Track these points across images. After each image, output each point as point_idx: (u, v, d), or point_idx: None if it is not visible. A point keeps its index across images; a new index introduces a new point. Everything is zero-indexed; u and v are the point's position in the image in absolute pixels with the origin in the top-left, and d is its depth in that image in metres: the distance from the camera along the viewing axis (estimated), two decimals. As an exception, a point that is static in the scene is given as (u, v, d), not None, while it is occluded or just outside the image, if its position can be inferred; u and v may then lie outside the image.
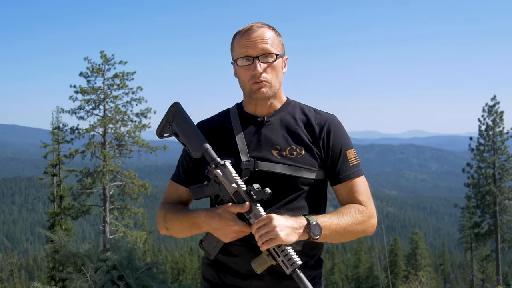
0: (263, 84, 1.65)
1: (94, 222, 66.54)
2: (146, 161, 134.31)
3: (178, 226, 1.70)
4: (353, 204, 1.67)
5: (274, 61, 1.65)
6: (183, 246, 47.83)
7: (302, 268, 1.67)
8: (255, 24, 1.66)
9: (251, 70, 1.63)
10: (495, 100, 26.12)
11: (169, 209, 1.74)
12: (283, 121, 1.73)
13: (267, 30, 1.67)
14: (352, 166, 1.71)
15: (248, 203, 1.52)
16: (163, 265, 4.88)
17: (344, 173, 1.70)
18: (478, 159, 26.05)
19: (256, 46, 1.63)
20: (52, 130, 19.73)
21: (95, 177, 19.99)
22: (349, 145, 1.73)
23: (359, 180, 1.71)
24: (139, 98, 21.07)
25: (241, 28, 1.68)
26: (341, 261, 42.00)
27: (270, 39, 1.65)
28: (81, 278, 3.72)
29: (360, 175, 1.72)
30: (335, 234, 1.59)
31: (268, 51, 1.64)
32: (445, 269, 35.90)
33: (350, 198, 1.69)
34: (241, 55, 1.64)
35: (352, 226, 1.62)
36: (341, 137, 1.73)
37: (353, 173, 1.70)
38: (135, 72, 21.20)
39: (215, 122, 1.79)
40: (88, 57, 20.88)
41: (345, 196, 1.70)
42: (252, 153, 1.67)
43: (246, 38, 1.64)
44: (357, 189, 1.70)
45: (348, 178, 1.70)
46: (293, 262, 1.48)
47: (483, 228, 26.55)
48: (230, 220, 1.53)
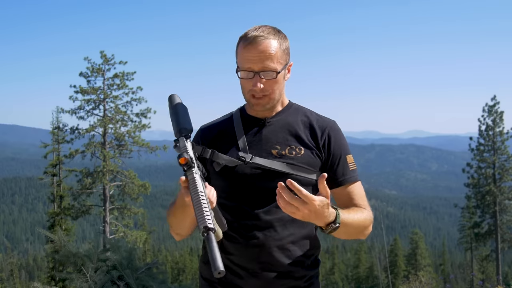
0: (262, 99, 1.67)
1: (94, 222, 66.62)
2: (146, 161, 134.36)
3: (175, 218, 1.68)
4: (361, 208, 1.71)
5: (274, 78, 1.64)
6: (183, 246, 47.86)
7: (300, 267, 1.69)
8: (260, 34, 1.62)
9: (251, 84, 1.64)
10: (495, 100, 26.14)
11: (170, 206, 1.74)
12: (284, 122, 1.75)
13: (272, 41, 1.63)
14: (352, 171, 1.74)
15: (182, 177, 1.48)
16: (163, 265, 4.88)
17: (344, 177, 1.72)
18: (478, 159, 26.06)
19: (258, 61, 1.61)
20: (52, 130, 19.75)
21: (95, 177, 20.00)
22: (348, 151, 1.77)
23: (358, 185, 1.76)
24: (139, 98, 21.09)
25: (247, 34, 1.65)
26: (341, 261, 42.02)
27: (274, 53, 1.62)
28: (81, 278, 3.73)
29: (358, 180, 1.77)
30: (345, 232, 1.61)
31: (270, 68, 1.62)
32: (445, 269, 35.91)
33: (350, 201, 1.72)
34: (243, 68, 1.64)
35: (361, 227, 1.66)
36: (341, 142, 1.76)
37: (352, 177, 1.74)
38: (135, 72, 21.22)
39: (219, 126, 1.81)
40: (88, 57, 20.92)
41: (345, 199, 1.73)
42: (252, 152, 1.69)
43: (249, 51, 1.61)
44: (357, 193, 1.74)
45: (348, 182, 1.72)
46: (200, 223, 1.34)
47: (483, 228, 26.56)
48: (183, 192, 1.50)
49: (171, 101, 1.74)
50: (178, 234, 1.75)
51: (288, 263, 1.67)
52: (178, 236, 1.76)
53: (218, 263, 1.24)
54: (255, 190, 1.65)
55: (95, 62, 20.85)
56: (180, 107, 1.70)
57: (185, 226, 1.68)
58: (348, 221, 1.58)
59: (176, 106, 1.70)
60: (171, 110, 1.72)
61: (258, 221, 1.65)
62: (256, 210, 1.65)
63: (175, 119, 1.67)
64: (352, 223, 1.60)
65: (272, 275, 1.65)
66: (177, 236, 1.77)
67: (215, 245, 1.29)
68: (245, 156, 1.66)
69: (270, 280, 1.65)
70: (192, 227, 1.71)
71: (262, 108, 1.69)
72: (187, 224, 1.67)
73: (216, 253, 1.26)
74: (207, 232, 1.30)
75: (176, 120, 1.66)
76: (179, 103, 1.72)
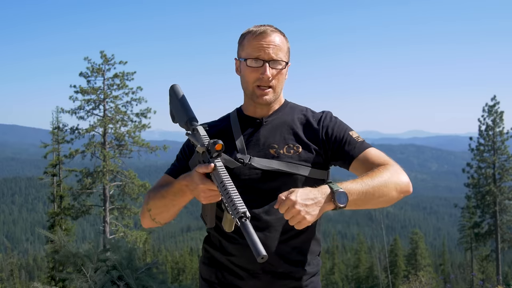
0: (268, 91, 1.68)
1: (94, 222, 66.58)
2: (146, 161, 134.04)
3: (161, 202, 1.66)
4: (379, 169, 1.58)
5: (282, 68, 1.68)
6: (183, 246, 47.87)
7: (300, 268, 1.68)
8: (268, 27, 1.68)
9: (260, 73, 1.65)
10: (495, 100, 26.14)
11: (152, 190, 1.73)
12: (281, 121, 1.76)
13: (280, 36, 1.69)
14: (360, 142, 1.69)
15: (212, 164, 1.46)
16: (163, 265, 4.88)
17: (353, 150, 1.67)
18: (478, 159, 26.05)
19: (268, 50, 1.64)
20: (52, 130, 19.75)
21: (95, 177, 19.99)
22: (349, 128, 1.74)
23: (372, 150, 1.67)
24: (139, 98, 21.09)
25: (254, 29, 1.69)
26: (341, 261, 41.98)
27: (282, 46, 1.68)
28: (81, 278, 3.73)
29: (371, 146, 1.69)
30: (364, 197, 1.49)
31: (279, 58, 1.66)
32: (445, 269, 35.91)
33: (370, 167, 1.61)
34: (251, 56, 1.66)
35: (381, 183, 1.51)
36: (340, 124, 1.74)
37: (363, 146, 1.67)
38: (135, 72, 21.21)
39: (216, 126, 1.81)
40: (88, 57, 20.91)
41: (364, 168, 1.63)
42: (250, 152, 1.69)
43: (259, 40, 1.65)
44: (374, 156, 1.64)
45: (360, 151, 1.66)
46: (237, 211, 1.34)
47: (483, 228, 26.56)
48: (197, 179, 1.49)
49: (176, 91, 1.74)
50: (154, 220, 1.71)
51: (289, 264, 1.66)
52: (152, 222, 1.72)
53: (259, 248, 1.25)
54: (254, 190, 1.65)
55: (95, 62, 20.85)
56: (185, 98, 1.71)
57: (169, 214, 1.68)
58: (356, 187, 1.47)
59: (183, 97, 1.71)
60: (176, 100, 1.71)
61: (258, 221, 1.64)
62: (255, 211, 1.65)
63: (183, 108, 1.68)
64: (362, 187, 1.48)
65: (273, 275, 1.64)
66: (150, 222, 1.72)
67: (253, 231, 1.29)
68: (243, 157, 1.66)
69: (270, 281, 1.64)
70: (173, 217, 1.70)
71: (264, 102, 1.69)
72: (171, 213, 1.68)
73: (255, 238, 1.27)
74: (244, 219, 1.31)
75: (185, 109, 1.67)
76: (183, 95, 1.73)
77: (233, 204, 1.34)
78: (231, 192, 1.38)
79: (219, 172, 1.45)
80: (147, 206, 1.71)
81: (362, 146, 1.68)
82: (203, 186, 1.49)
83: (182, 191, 1.59)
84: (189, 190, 1.56)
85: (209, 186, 1.49)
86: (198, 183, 1.49)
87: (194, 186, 1.51)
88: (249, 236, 1.28)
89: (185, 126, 1.66)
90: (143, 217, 1.74)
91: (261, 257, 1.24)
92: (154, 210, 1.69)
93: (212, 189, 1.49)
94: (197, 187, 1.50)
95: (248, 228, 1.30)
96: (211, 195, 1.51)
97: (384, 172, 1.54)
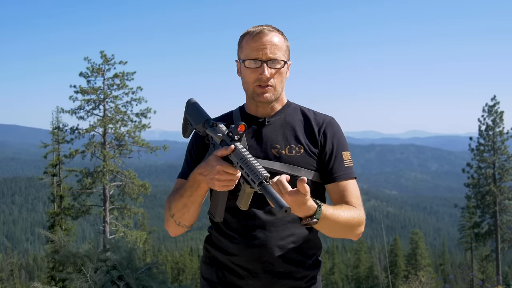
0: (268, 89, 1.68)
1: (94, 222, 66.48)
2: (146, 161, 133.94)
3: (180, 203, 1.63)
4: (352, 206, 1.66)
5: (281, 67, 1.68)
6: (183, 246, 47.85)
7: (301, 268, 1.68)
8: (265, 27, 1.68)
9: (258, 73, 1.65)
10: (495, 100, 26.11)
11: (170, 196, 1.72)
12: (283, 121, 1.76)
13: (277, 35, 1.69)
14: (347, 167, 1.72)
15: (232, 145, 1.47)
16: (163, 265, 4.88)
17: (339, 173, 1.70)
18: (478, 159, 26.02)
19: (266, 50, 1.65)
20: (52, 130, 19.74)
21: (95, 177, 19.97)
22: (345, 147, 1.75)
23: (353, 182, 1.73)
24: (139, 98, 21.06)
25: (252, 29, 1.70)
26: (341, 261, 41.97)
27: (280, 45, 1.68)
28: (81, 278, 3.72)
29: (354, 177, 1.74)
30: (329, 227, 1.56)
31: (277, 57, 1.66)
32: (445, 269, 35.88)
33: (342, 198, 1.69)
34: (250, 57, 1.66)
35: (347, 224, 1.60)
36: (339, 138, 1.75)
37: (348, 174, 1.72)
38: (135, 72, 21.19)
39: (220, 121, 1.81)
40: (88, 57, 20.86)
41: (338, 196, 1.70)
42: (252, 152, 1.68)
43: (256, 41, 1.66)
44: (351, 191, 1.70)
45: (343, 178, 1.70)
46: (259, 175, 1.37)
47: (483, 228, 26.53)
48: (214, 161, 1.48)
49: (192, 102, 1.77)
50: (179, 224, 1.68)
51: (289, 263, 1.66)
52: (178, 228, 1.69)
53: (281, 201, 1.28)
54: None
55: (95, 62, 20.82)
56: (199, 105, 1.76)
57: (189, 214, 1.64)
58: (333, 217, 1.53)
59: (197, 104, 1.76)
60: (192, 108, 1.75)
61: (259, 221, 1.64)
62: (256, 211, 1.65)
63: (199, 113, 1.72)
64: (337, 219, 1.55)
65: (273, 275, 1.64)
66: (176, 228, 1.69)
67: (273, 190, 1.33)
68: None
69: (271, 281, 1.65)
70: (196, 216, 1.67)
71: (265, 100, 1.69)
72: (192, 212, 1.64)
73: (277, 195, 1.31)
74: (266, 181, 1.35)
75: (201, 113, 1.71)
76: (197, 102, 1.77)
77: (256, 169, 1.37)
78: (253, 162, 1.40)
79: (240, 150, 1.45)
80: (170, 212, 1.67)
81: (348, 173, 1.71)
82: (220, 167, 1.45)
83: (197, 182, 1.55)
84: (203, 178, 1.52)
85: (226, 167, 1.46)
86: (215, 165, 1.46)
87: (210, 169, 1.48)
88: (271, 195, 1.31)
89: (202, 127, 1.67)
90: (168, 226, 1.71)
91: (284, 210, 1.26)
92: (176, 214, 1.66)
93: (229, 172, 1.46)
94: (213, 169, 1.47)
95: (269, 188, 1.33)
96: (227, 179, 1.47)
97: (355, 217, 1.62)
